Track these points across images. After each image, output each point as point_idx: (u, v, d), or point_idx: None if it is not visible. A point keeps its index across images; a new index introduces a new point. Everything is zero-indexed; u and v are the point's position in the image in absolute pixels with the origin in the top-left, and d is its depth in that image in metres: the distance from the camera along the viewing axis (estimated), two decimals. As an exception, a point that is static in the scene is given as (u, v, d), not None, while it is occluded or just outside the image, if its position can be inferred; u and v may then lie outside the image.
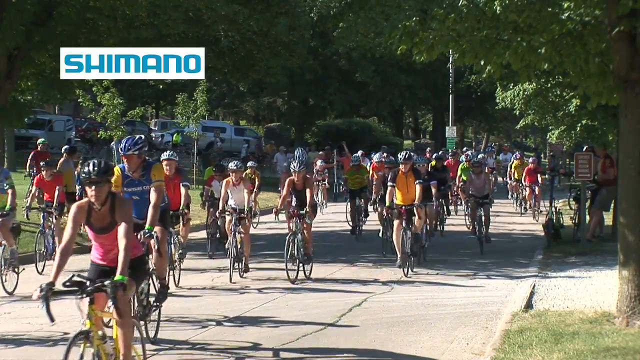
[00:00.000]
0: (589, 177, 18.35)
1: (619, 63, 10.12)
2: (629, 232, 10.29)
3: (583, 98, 16.36)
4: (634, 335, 9.53)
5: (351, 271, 15.68)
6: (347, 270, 15.70)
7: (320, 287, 13.92)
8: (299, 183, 14.94)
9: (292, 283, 14.07)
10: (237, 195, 15.18)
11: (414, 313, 11.79)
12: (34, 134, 34.30)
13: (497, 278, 14.88)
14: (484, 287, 14.00)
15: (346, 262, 16.60)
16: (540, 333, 9.73)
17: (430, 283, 14.36)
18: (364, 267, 16.11)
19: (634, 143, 10.30)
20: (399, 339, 10.27)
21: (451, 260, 16.95)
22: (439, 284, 14.22)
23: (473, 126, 73.42)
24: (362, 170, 22.06)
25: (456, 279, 14.62)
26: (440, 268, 15.68)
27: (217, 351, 9.65)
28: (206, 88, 31.58)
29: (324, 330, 10.68)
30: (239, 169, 15.39)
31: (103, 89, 25.23)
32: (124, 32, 19.53)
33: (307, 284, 14.31)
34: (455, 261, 16.84)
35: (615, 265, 11.35)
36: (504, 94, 21.65)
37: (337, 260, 16.84)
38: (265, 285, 14.19)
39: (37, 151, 21.51)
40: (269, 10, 22.26)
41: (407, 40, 10.49)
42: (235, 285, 14.19)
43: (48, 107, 47.81)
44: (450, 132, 45.46)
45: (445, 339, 10.22)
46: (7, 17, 17.82)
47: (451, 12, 10.29)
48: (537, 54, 10.16)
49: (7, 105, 19.71)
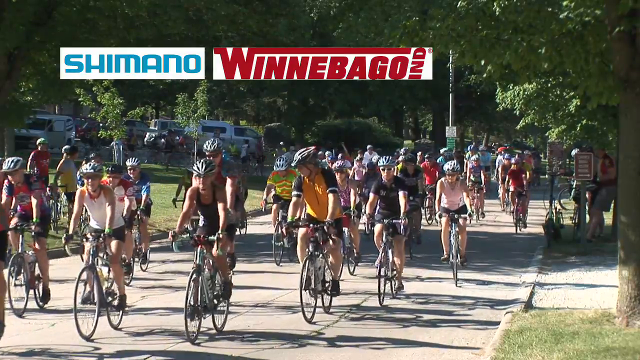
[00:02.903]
0: (589, 177, 18.35)
1: (619, 63, 10.12)
2: (629, 232, 10.29)
3: (583, 98, 16.37)
4: (634, 335, 9.53)
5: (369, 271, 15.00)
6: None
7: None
8: (204, 193, 10.48)
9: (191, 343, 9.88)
10: (97, 212, 11.23)
11: (414, 313, 11.79)
12: (34, 134, 34.21)
13: (497, 278, 14.88)
14: (484, 287, 13.99)
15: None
16: (540, 333, 9.73)
17: (430, 283, 14.36)
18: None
19: (634, 143, 10.31)
20: (398, 338, 10.27)
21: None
22: (439, 284, 14.21)
23: (473, 126, 73.43)
24: (290, 176, 16.16)
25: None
26: (440, 268, 15.67)
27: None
28: (206, 88, 31.60)
29: (322, 330, 10.70)
30: (97, 172, 11.05)
31: (103, 89, 25.28)
32: (124, 32, 19.52)
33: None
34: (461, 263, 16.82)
35: (615, 265, 11.35)
36: (504, 94, 21.64)
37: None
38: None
39: (37, 151, 21.48)
40: (269, 11, 22.27)
41: (407, 40, 10.51)
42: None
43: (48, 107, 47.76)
44: (450, 132, 45.43)
45: (445, 339, 10.23)
46: (7, 17, 17.81)
47: (450, 12, 10.30)
48: (537, 54, 10.17)
49: (7, 105, 19.70)
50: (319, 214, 11.63)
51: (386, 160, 13.27)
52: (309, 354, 9.57)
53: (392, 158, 13.82)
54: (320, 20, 48.02)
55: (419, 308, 12.16)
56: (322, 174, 11.72)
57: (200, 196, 10.52)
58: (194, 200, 10.58)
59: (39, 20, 18.80)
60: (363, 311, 11.97)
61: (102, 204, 10.95)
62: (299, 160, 11.43)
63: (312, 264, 11.17)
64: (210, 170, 10.39)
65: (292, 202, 11.66)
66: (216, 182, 10.83)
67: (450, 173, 14.68)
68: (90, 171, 10.95)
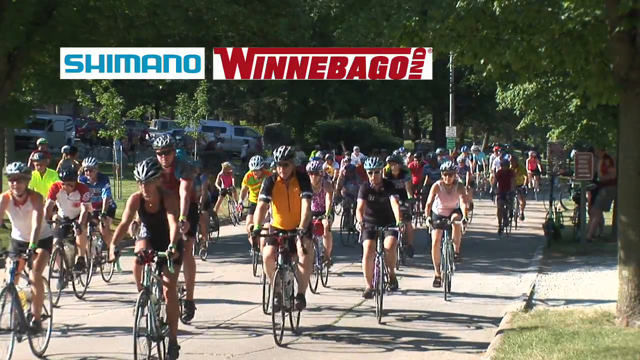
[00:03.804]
0: (589, 177, 18.35)
1: (619, 63, 10.12)
2: (629, 232, 10.30)
3: (583, 98, 16.37)
4: (634, 335, 9.53)
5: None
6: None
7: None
8: (150, 200, 8.92)
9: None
10: (21, 222, 9.54)
11: (413, 313, 11.79)
12: (34, 134, 34.25)
13: (497, 278, 14.87)
14: (484, 287, 13.99)
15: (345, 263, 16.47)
16: (540, 333, 9.73)
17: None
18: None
19: (634, 143, 10.31)
20: (398, 339, 10.27)
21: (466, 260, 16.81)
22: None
23: (473, 126, 73.42)
24: (265, 177, 14.43)
25: (456, 278, 14.58)
26: (429, 275, 15.49)
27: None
28: (206, 88, 31.60)
29: (321, 332, 10.68)
30: (23, 173, 9.32)
31: (102, 89, 25.27)
32: (124, 32, 19.51)
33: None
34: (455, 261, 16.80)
35: (615, 265, 11.35)
36: (504, 94, 21.64)
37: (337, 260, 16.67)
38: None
39: (37, 151, 21.49)
40: (269, 11, 22.26)
41: (407, 40, 10.51)
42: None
43: (48, 107, 47.77)
44: (450, 132, 45.43)
45: (445, 339, 10.23)
46: (7, 17, 17.81)
47: (450, 12, 10.30)
48: (537, 54, 10.17)
49: (7, 105, 19.70)
50: (287, 223, 10.31)
51: (373, 162, 11.93)
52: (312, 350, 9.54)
53: (379, 160, 12.31)
54: (320, 20, 48.01)
55: (419, 308, 12.14)
56: (297, 176, 10.41)
57: (144, 203, 8.96)
58: (136, 210, 9.01)
59: (39, 20, 18.79)
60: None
61: (29, 212, 9.22)
62: (281, 156, 10.16)
63: (282, 278, 9.98)
64: (154, 174, 8.76)
65: (259, 207, 10.26)
66: (163, 188, 9.18)
67: (447, 172, 13.24)
68: (15, 172, 9.19)
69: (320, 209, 13.64)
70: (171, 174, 10.33)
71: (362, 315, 11.66)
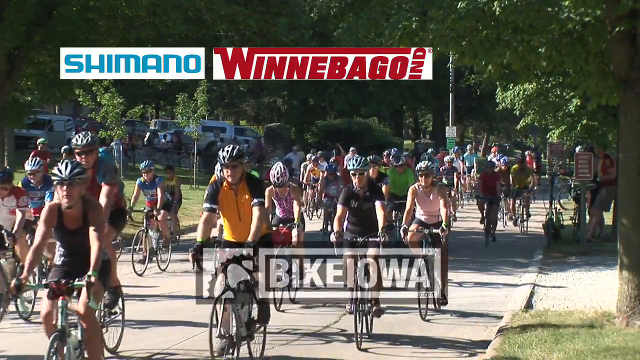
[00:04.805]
0: (589, 177, 18.35)
1: (619, 63, 10.13)
2: (629, 232, 10.30)
3: (583, 98, 16.38)
4: (634, 335, 9.53)
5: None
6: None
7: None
8: (70, 213, 7.15)
9: None
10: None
11: (413, 313, 11.77)
12: (34, 134, 34.24)
13: (497, 278, 14.87)
14: (484, 287, 13.99)
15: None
16: (540, 333, 9.73)
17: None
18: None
19: (634, 143, 10.31)
20: (398, 339, 10.27)
21: (451, 260, 16.87)
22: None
23: (473, 126, 73.42)
24: None
25: (456, 278, 14.60)
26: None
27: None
28: (206, 88, 31.61)
29: (321, 330, 10.68)
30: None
31: (103, 89, 25.30)
32: (124, 32, 19.54)
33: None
34: (455, 261, 16.80)
35: (615, 265, 11.35)
36: (504, 94, 21.63)
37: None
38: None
39: (37, 151, 21.49)
40: (269, 11, 22.27)
41: (407, 40, 10.50)
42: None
43: (48, 107, 47.76)
44: (450, 132, 45.44)
45: (445, 339, 10.23)
46: (7, 17, 17.82)
47: (450, 13, 10.31)
48: (537, 54, 10.17)
49: (7, 105, 19.72)
50: (240, 234, 8.71)
51: (357, 162, 10.16)
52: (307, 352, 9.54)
53: (365, 160, 10.56)
54: (320, 20, 48.01)
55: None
56: (247, 181, 8.75)
57: (62, 217, 7.04)
58: (52, 226, 7.05)
59: (39, 20, 18.81)
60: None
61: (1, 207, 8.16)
62: (229, 157, 8.52)
63: (231, 302, 8.32)
64: (80, 173, 7.04)
65: (203, 218, 8.69)
66: (89, 196, 7.37)
67: (423, 172, 11.41)
68: None
69: (287, 215, 12.29)
70: (92, 178, 8.87)
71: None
